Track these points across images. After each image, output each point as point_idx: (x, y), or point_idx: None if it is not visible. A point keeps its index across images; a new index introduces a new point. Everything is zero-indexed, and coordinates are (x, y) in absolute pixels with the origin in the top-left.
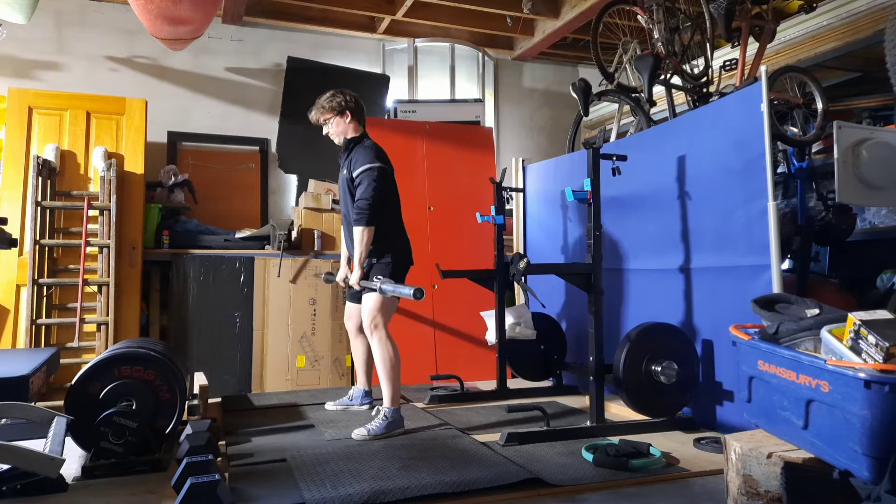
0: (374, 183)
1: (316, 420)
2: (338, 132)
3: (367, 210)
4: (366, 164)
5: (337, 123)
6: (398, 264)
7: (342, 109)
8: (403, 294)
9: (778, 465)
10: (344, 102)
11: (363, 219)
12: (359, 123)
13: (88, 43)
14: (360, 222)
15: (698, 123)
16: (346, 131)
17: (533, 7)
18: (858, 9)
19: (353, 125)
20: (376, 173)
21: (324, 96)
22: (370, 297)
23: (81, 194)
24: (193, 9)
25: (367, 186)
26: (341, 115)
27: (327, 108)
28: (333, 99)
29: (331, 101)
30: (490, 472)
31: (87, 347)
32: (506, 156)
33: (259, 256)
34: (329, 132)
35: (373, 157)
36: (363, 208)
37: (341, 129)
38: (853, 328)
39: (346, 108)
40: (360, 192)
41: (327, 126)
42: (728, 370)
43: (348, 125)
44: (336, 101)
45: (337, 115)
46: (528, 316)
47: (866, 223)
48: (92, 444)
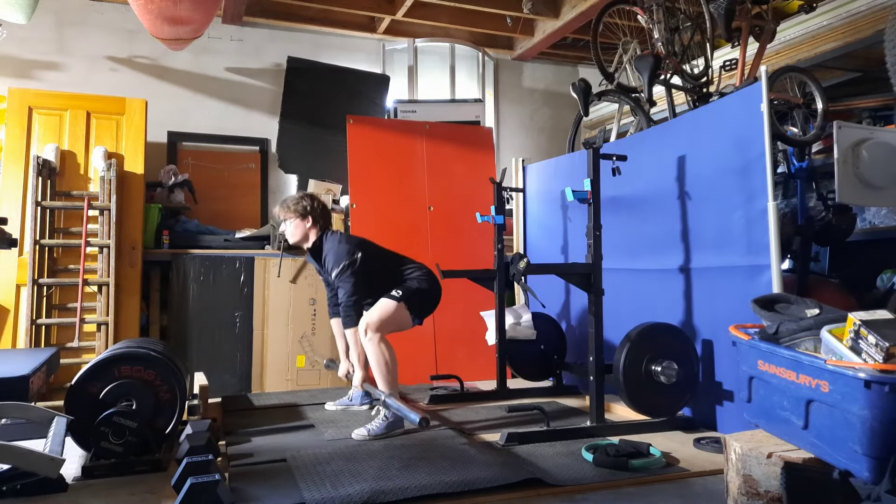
0: (352, 280)
1: (316, 420)
2: (295, 234)
3: (353, 311)
4: (340, 263)
5: (296, 226)
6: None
7: (304, 214)
8: (406, 418)
9: (778, 465)
10: (308, 208)
11: (352, 321)
12: (319, 229)
13: (88, 43)
14: (349, 325)
15: (698, 123)
16: (306, 234)
17: (533, 7)
18: (858, 9)
19: (313, 230)
20: (351, 269)
21: (291, 197)
22: (384, 304)
23: (81, 194)
24: (193, 9)
25: (347, 287)
26: (302, 218)
27: (291, 209)
28: (300, 202)
29: (296, 204)
30: (490, 472)
31: (87, 347)
32: (506, 156)
33: (259, 256)
34: (286, 231)
35: (344, 251)
36: (349, 311)
37: (300, 232)
38: (853, 328)
39: (310, 213)
40: (343, 294)
41: (286, 225)
42: (728, 370)
43: (308, 229)
44: (301, 204)
45: (298, 218)
46: (528, 316)
47: (866, 223)
48: (92, 444)
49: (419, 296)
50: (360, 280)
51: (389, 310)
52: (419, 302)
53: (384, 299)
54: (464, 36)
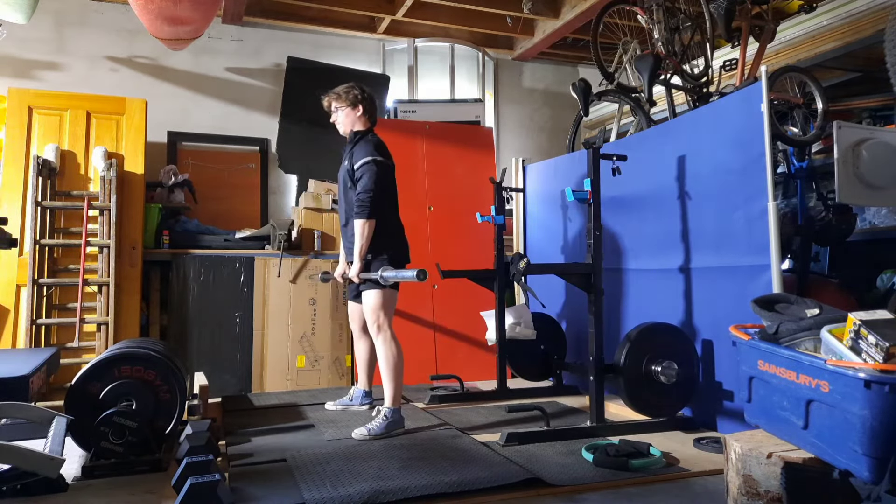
0: (375, 176)
1: (316, 420)
2: (345, 122)
3: (368, 203)
4: (367, 156)
5: (347, 114)
6: (395, 261)
7: (355, 102)
8: (406, 278)
9: (778, 465)
10: (360, 95)
11: (364, 211)
12: (368, 119)
13: (88, 43)
14: (361, 215)
15: (698, 123)
16: (353, 123)
17: (533, 7)
18: (858, 9)
19: (361, 119)
20: (378, 167)
21: (342, 85)
22: (370, 295)
23: (81, 194)
24: (193, 9)
25: (368, 179)
26: (353, 107)
27: (342, 97)
28: (350, 91)
29: (347, 92)
30: (490, 472)
31: (87, 347)
32: (506, 156)
33: (259, 256)
34: (336, 120)
35: (375, 150)
36: (364, 201)
37: (350, 121)
38: (853, 328)
39: (359, 101)
40: (361, 185)
41: (336, 114)
42: (728, 370)
43: (357, 118)
44: (353, 93)
45: (349, 106)
46: (528, 316)
47: (866, 223)
48: (92, 444)
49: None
50: (380, 179)
51: (380, 300)
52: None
53: (369, 293)
54: (464, 36)
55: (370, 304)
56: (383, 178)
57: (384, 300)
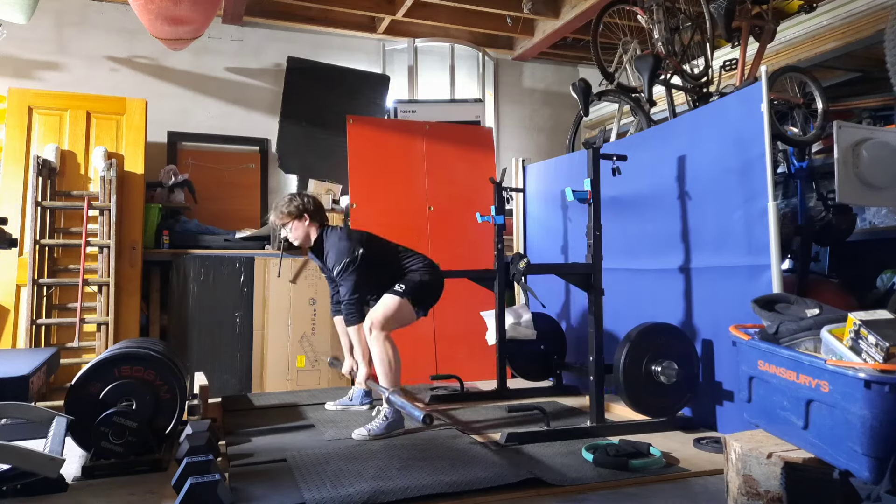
0: (354, 277)
1: (316, 420)
2: (297, 236)
3: (355, 308)
4: (341, 260)
5: (295, 227)
6: (421, 275)
7: (300, 213)
8: (410, 415)
9: (778, 465)
10: (301, 206)
11: (354, 318)
12: (318, 225)
13: (88, 43)
14: (351, 322)
15: (698, 123)
16: (306, 234)
17: (533, 7)
18: (858, 9)
19: (313, 227)
20: (353, 266)
21: (282, 200)
22: (388, 297)
23: (81, 194)
24: (193, 9)
25: (349, 285)
26: (299, 218)
27: (285, 213)
28: (291, 203)
29: (288, 206)
30: (490, 472)
31: (87, 347)
32: (506, 156)
33: (259, 256)
34: (288, 236)
35: (346, 248)
36: (351, 309)
37: (300, 233)
38: (853, 328)
39: (304, 211)
40: (345, 291)
41: (286, 230)
42: (728, 370)
43: (307, 227)
44: (293, 204)
45: (295, 220)
46: (528, 316)
47: (866, 223)
48: (92, 444)
49: (422, 288)
50: (361, 277)
51: (393, 306)
52: (422, 295)
53: (387, 295)
54: (464, 36)
55: (383, 304)
56: (364, 265)
57: (398, 309)
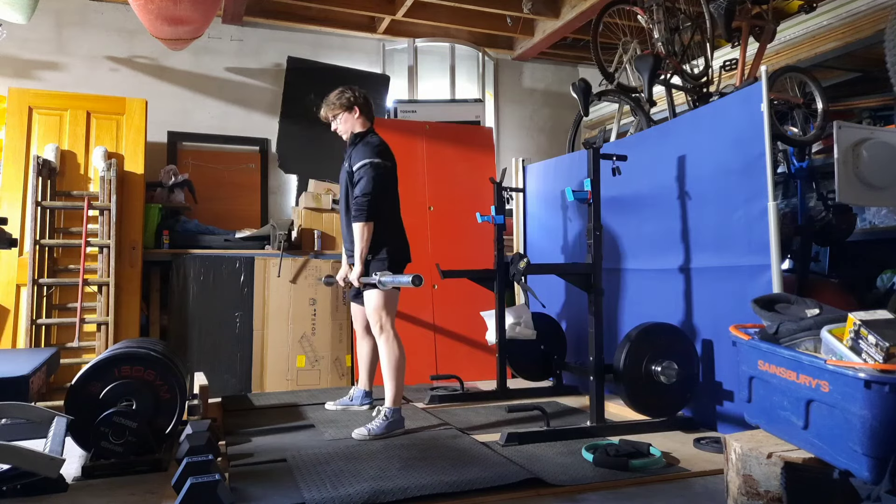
0: (373, 179)
1: (316, 420)
2: (346, 128)
3: (366, 206)
4: (366, 158)
5: (345, 120)
6: (395, 261)
7: (350, 105)
8: (402, 283)
9: (778, 465)
10: (353, 98)
11: (362, 214)
12: (366, 119)
13: (88, 43)
14: (359, 218)
15: (698, 123)
16: (353, 126)
17: (533, 7)
18: (858, 9)
19: (360, 120)
20: (376, 169)
21: (333, 93)
22: (371, 295)
23: (81, 194)
24: (193, 9)
25: (366, 182)
26: (349, 110)
27: (336, 105)
28: (342, 95)
29: (339, 98)
30: (490, 472)
31: (87, 347)
32: (506, 156)
33: (259, 256)
34: (337, 128)
35: (374, 152)
36: (362, 204)
37: (349, 125)
38: (853, 328)
39: (355, 103)
40: (360, 188)
41: (335, 122)
42: (728, 370)
43: (356, 120)
44: (345, 97)
45: (345, 111)
46: (528, 316)
47: (866, 223)
48: (92, 444)
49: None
50: (379, 182)
51: (381, 300)
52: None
53: (370, 293)
54: (464, 36)
55: (371, 304)
56: (382, 179)
57: (385, 300)
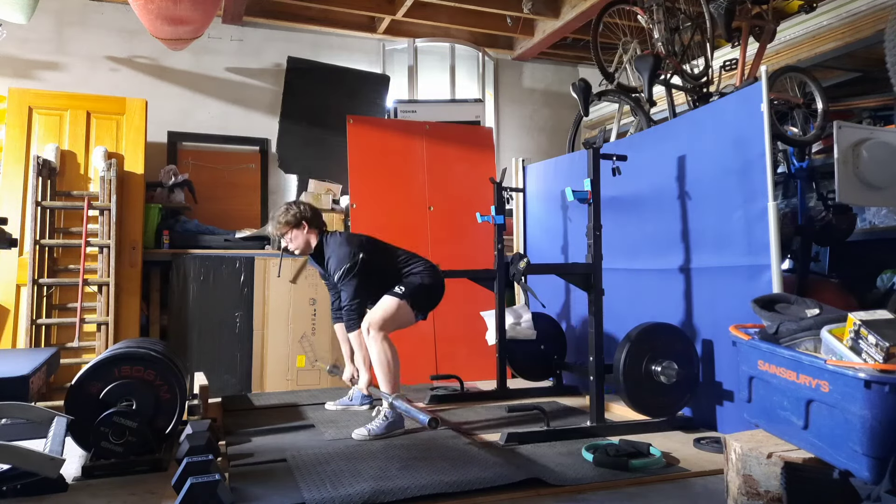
0: (354, 283)
1: (316, 420)
2: (298, 244)
3: (357, 314)
4: (342, 266)
5: (296, 236)
6: (420, 277)
7: (298, 222)
8: (416, 419)
9: (778, 465)
10: (299, 214)
11: (355, 324)
12: (317, 229)
13: (88, 43)
14: (352, 328)
15: (698, 123)
16: (307, 241)
17: (533, 7)
18: (858, 9)
19: (312, 233)
20: (353, 272)
21: (278, 211)
22: (388, 299)
23: (81, 194)
24: (193, 9)
25: (350, 290)
26: (298, 227)
27: (283, 223)
28: (287, 213)
29: (285, 216)
30: (490, 472)
31: (87, 347)
32: (506, 156)
33: (259, 256)
34: (289, 245)
35: (345, 254)
36: (352, 314)
37: (301, 241)
38: (853, 328)
39: (302, 218)
40: (346, 297)
41: (286, 239)
42: (728, 370)
43: (307, 235)
44: (290, 214)
45: (294, 229)
46: (528, 316)
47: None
48: (92, 444)
49: (421, 291)
50: (362, 282)
51: (392, 308)
52: (421, 297)
53: (386, 297)
54: (464, 36)
55: (382, 305)
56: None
57: (397, 311)
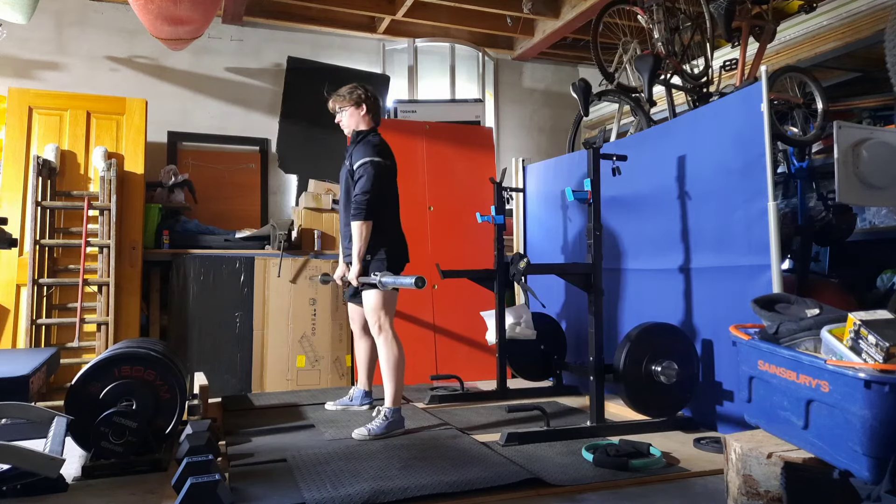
0: (373, 177)
1: (316, 420)
2: (349, 123)
3: (365, 205)
4: (366, 157)
5: (351, 114)
6: (393, 261)
7: (359, 102)
8: (404, 285)
9: (778, 465)
10: (363, 96)
11: (361, 213)
12: (372, 119)
13: (88, 43)
14: (357, 217)
15: (698, 123)
16: (357, 123)
17: (533, 7)
18: (858, 9)
19: (365, 119)
20: (376, 167)
21: (346, 86)
22: (370, 295)
23: (81, 194)
24: (193, 9)
25: (366, 180)
26: (357, 106)
27: (346, 98)
28: (354, 91)
29: (351, 92)
30: (490, 472)
31: (87, 347)
32: (506, 156)
33: (259, 256)
34: (341, 121)
35: (374, 151)
36: (361, 203)
37: (354, 121)
38: (853, 328)
39: (364, 101)
40: (359, 187)
41: (340, 114)
42: (728, 370)
43: (361, 118)
44: (357, 93)
45: (353, 106)
46: (528, 316)
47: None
48: (92, 444)
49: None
50: (378, 180)
51: (380, 300)
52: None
53: (369, 293)
54: (464, 36)
55: (370, 304)
56: (382, 179)
57: (384, 301)
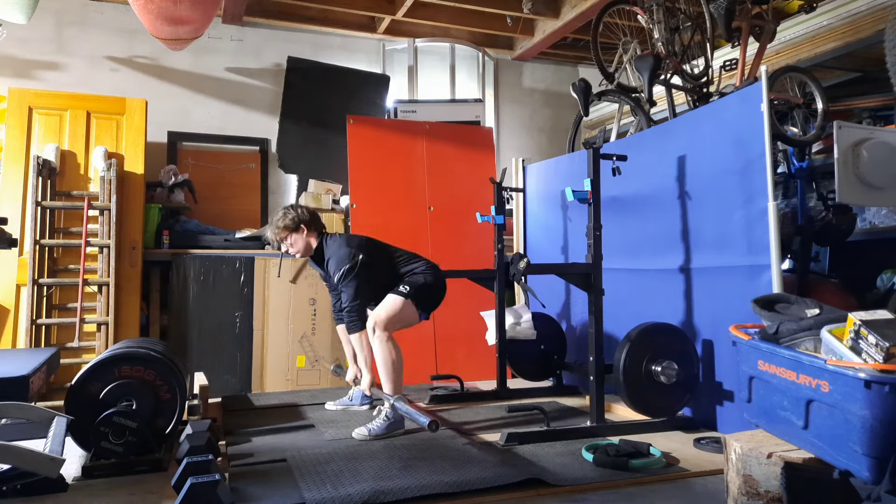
0: (355, 283)
1: (316, 420)
2: (302, 248)
3: (357, 315)
4: (341, 267)
5: (295, 240)
6: (422, 276)
7: (297, 225)
8: (418, 422)
9: (778, 465)
10: (297, 218)
11: (356, 324)
12: (317, 232)
13: (88, 43)
14: (354, 329)
15: (698, 123)
16: (307, 244)
17: (533, 7)
18: (858, 9)
19: (312, 237)
20: (353, 272)
21: (276, 216)
22: (392, 297)
23: (81, 194)
24: (193, 9)
25: (350, 291)
26: (297, 231)
27: (282, 228)
28: (286, 217)
29: (283, 220)
30: (490, 472)
31: (87, 347)
32: (506, 156)
33: (259, 256)
34: (289, 250)
35: (344, 254)
36: (353, 315)
37: (303, 244)
38: (853, 328)
39: (300, 221)
40: (346, 299)
41: (286, 244)
42: (728, 370)
43: (307, 238)
44: (289, 218)
45: (293, 233)
46: (528, 316)
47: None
48: (92, 444)
49: (424, 290)
50: (363, 283)
51: (397, 307)
52: (425, 296)
53: (391, 295)
54: (464, 36)
55: (386, 304)
56: (366, 268)
57: (401, 310)
